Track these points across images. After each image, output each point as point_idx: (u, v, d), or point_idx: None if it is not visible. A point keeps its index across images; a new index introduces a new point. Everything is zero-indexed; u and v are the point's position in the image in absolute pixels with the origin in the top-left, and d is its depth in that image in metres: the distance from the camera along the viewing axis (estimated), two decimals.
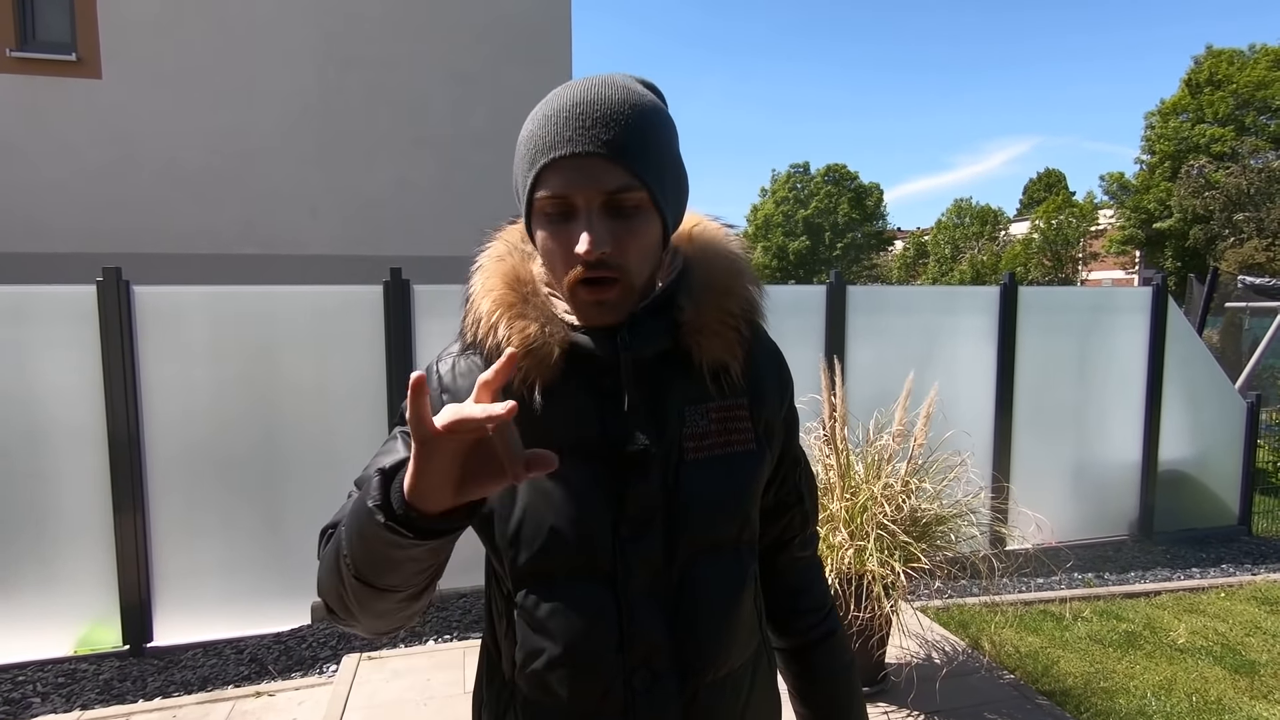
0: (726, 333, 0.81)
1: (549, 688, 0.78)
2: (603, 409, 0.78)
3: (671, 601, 0.78)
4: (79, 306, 3.11)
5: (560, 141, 0.71)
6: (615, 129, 0.71)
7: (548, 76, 6.51)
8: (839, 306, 3.99)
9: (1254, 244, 18.69)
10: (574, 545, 0.76)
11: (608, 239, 0.72)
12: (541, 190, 0.73)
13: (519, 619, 0.79)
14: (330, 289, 3.51)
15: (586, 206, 0.72)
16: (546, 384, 0.77)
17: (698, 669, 0.79)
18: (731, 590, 0.82)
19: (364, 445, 3.48)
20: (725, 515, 0.81)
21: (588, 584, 0.77)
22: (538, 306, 0.79)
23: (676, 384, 0.80)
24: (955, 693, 2.70)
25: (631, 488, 0.77)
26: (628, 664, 0.77)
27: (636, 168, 0.72)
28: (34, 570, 3.16)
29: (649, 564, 0.78)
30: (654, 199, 0.74)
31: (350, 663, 2.97)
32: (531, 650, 0.78)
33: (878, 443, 2.84)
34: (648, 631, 0.77)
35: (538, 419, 0.76)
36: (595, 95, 0.72)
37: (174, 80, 5.78)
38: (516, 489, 0.77)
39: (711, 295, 0.81)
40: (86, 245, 5.51)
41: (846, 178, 40.63)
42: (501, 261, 0.82)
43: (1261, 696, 2.86)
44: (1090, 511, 4.55)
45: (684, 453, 0.79)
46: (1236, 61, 24.63)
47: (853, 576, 2.50)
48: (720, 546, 0.81)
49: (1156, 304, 4.52)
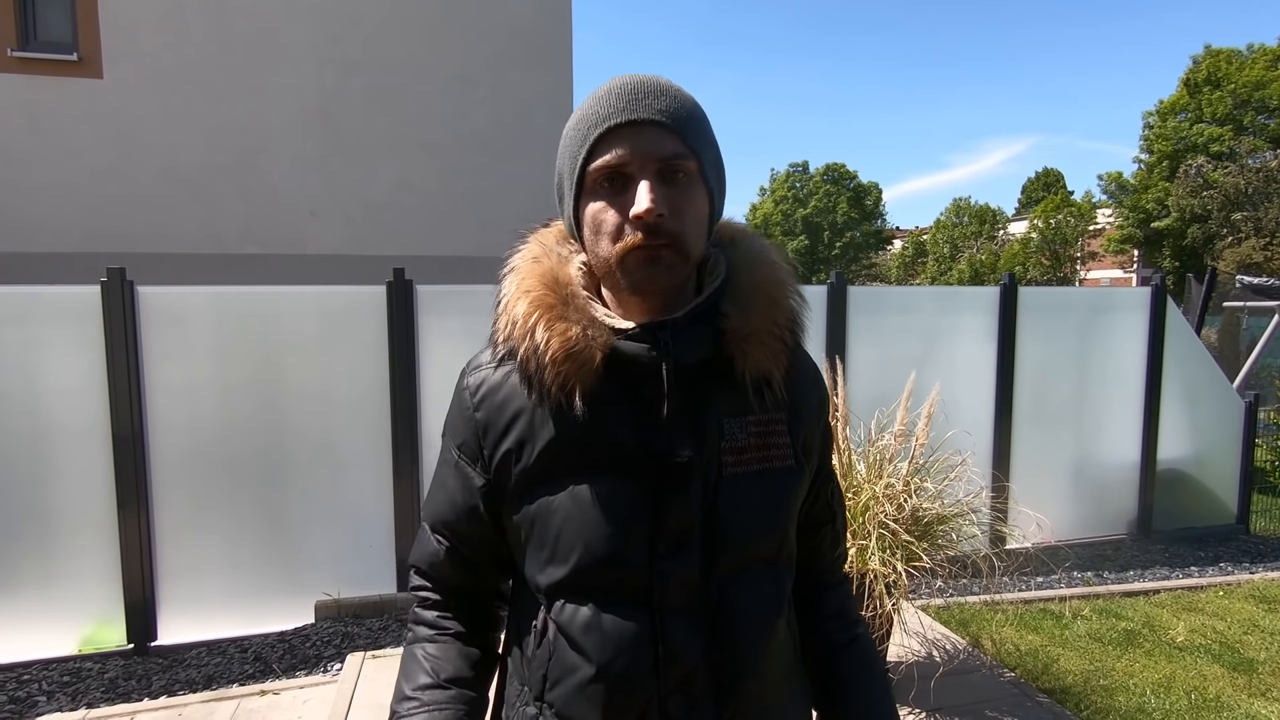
0: (772, 343, 0.79)
1: (580, 709, 0.75)
2: (641, 419, 0.75)
3: (709, 621, 0.76)
4: (83, 306, 3.12)
5: (616, 111, 0.72)
6: (668, 100, 0.73)
7: (548, 80, 6.53)
8: (840, 306, 4.00)
9: (1252, 243, 18.74)
10: (609, 561, 0.74)
11: (664, 203, 0.71)
12: (597, 160, 0.73)
13: (552, 635, 0.77)
14: (334, 289, 3.52)
15: (642, 171, 0.72)
16: (586, 390, 0.74)
17: (735, 693, 0.77)
18: (769, 610, 0.80)
19: (367, 443, 3.50)
20: (764, 533, 0.79)
21: (623, 602, 0.75)
22: (578, 309, 0.76)
23: (717, 394, 0.78)
24: (956, 690, 2.72)
25: (670, 502, 0.75)
26: (663, 687, 0.75)
27: (688, 138, 0.73)
28: (38, 569, 3.17)
29: (686, 582, 0.75)
30: (703, 171, 0.75)
31: (355, 661, 2.98)
32: (565, 668, 0.76)
33: (879, 442, 2.86)
34: (684, 652, 0.75)
35: (577, 428, 0.75)
36: (646, 78, 0.75)
37: (175, 81, 5.78)
38: (554, 502, 0.75)
39: (757, 302, 0.79)
40: (87, 246, 5.51)
41: (845, 177, 40.70)
42: (538, 263, 0.79)
43: (1259, 694, 2.89)
44: (1089, 510, 4.57)
45: (723, 467, 0.76)
46: (1235, 61, 24.68)
47: (855, 575, 2.51)
48: (759, 566, 0.79)
49: (1155, 304, 4.54)
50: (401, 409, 3.49)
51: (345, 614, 3.49)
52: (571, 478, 0.75)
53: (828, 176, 40.60)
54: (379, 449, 3.50)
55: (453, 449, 0.83)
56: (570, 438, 0.75)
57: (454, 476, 0.83)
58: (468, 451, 0.81)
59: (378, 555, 3.54)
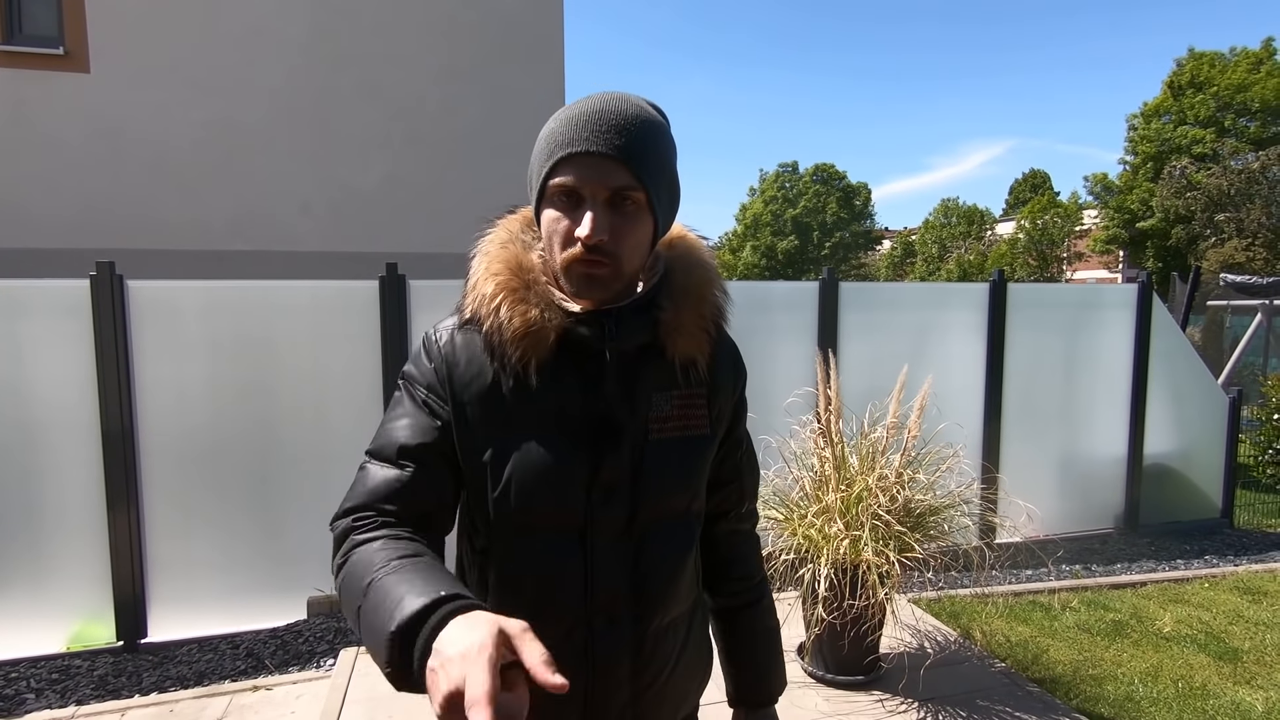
0: (699, 333, 0.93)
1: None
2: (586, 389, 0.89)
3: (630, 558, 0.91)
4: (72, 300, 3.10)
5: (578, 140, 0.82)
6: (626, 136, 0.82)
7: (539, 74, 6.52)
8: (831, 303, 4.03)
9: (1234, 244, 18.96)
10: (553, 502, 0.87)
11: (606, 228, 0.82)
12: (556, 178, 0.83)
13: (495, 566, 0.90)
14: (326, 284, 3.50)
15: (593, 198, 0.82)
16: (540, 363, 0.87)
17: (647, 616, 0.92)
18: (680, 552, 0.95)
19: (359, 439, 3.46)
20: (679, 488, 0.93)
21: (561, 538, 0.88)
22: (538, 293, 0.88)
23: (649, 372, 0.91)
24: (948, 680, 2.74)
25: (604, 458, 0.88)
26: (590, 607, 0.89)
27: (639, 172, 0.83)
28: (26, 566, 3.14)
29: (614, 524, 0.89)
30: (650, 202, 0.85)
31: (348, 656, 2.97)
32: (506, 591, 0.89)
33: (871, 435, 2.88)
34: (609, 580, 0.90)
35: (532, 394, 0.87)
36: (613, 106, 0.83)
37: (163, 74, 5.73)
38: (507, 453, 0.87)
39: (689, 300, 0.93)
40: (74, 241, 5.45)
41: (835, 177, 40.77)
42: (505, 248, 0.91)
43: (1244, 682, 2.93)
44: (1077, 505, 4.62)
45: (649, 433, 0.90)
46: (1218, 64, 24.97)
47: (848, 566, 2.53)
48: (673, 515, 0.94)
49: (1142, 301, 4.60)
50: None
51: (338, 610, 3.48)
52: (523, 433, 0.87)
53: (817, 177, 40.63)
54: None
55: (418, 390, 0.91)
56: (525, 400, 0.87)
57: (416, 411, 0.90)
58: (435, 392, 0.90)
59: None
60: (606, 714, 0.92)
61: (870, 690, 2.69)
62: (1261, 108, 23.70)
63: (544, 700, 0.79)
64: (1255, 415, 5.92)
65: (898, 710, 2.57)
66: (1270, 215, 18.76)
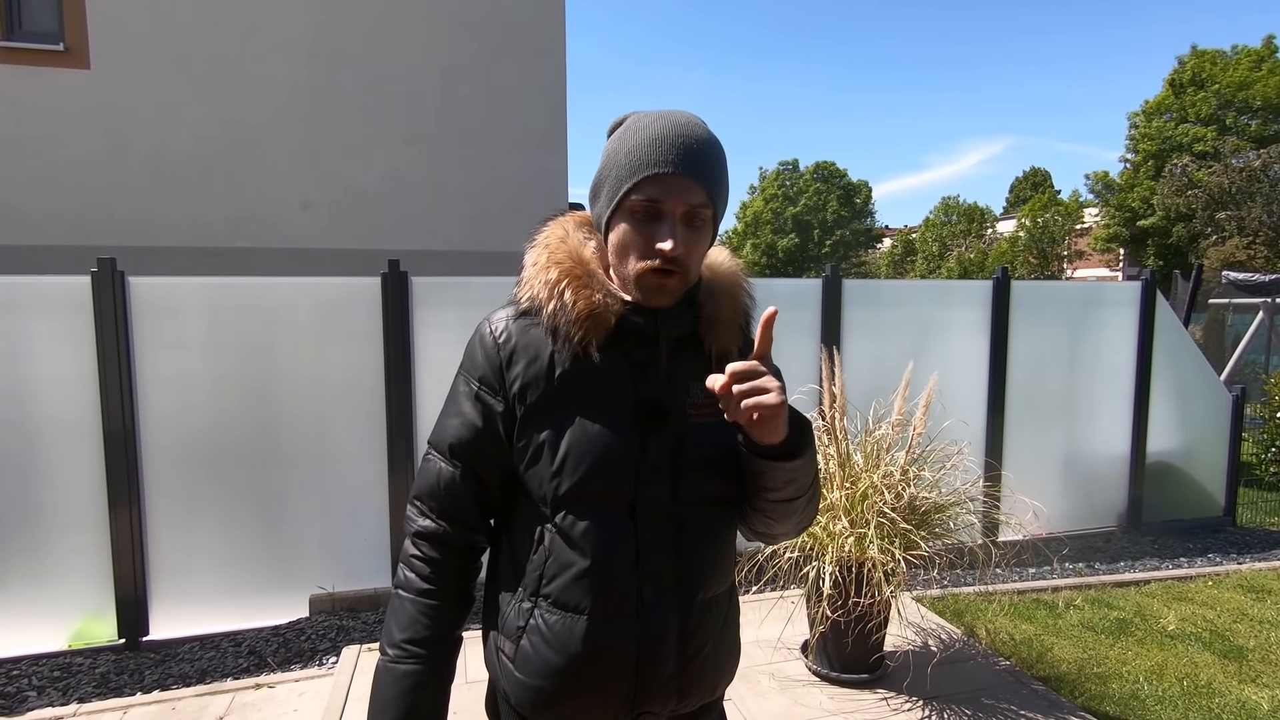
0: (733, 328, 1.04)
1: (573, 595, 0.95)
2: (635, 373, 0.97)
3: (674, 534, 0.97)
4: (73, 297, 3.08)
5: (664, 161, 0.90)
6: (705, 160, 0.92)
7: (541, 72, 6.50)
8: (835, 300, 4.01)
9: (1235, 242, 18.93)
10: (605, 478, 0.94)
11: (683, 243, 0.91)
12: (638, 194, 0.91)
13: (553, 537, 0.96)
14: (328, 280, 3.49)
15: (672, 214, 0.91)
16: (599, 344, 0.95)
17: (692, 589, 0.99)
18: (720, 532, 1.02)
19: (362, 435, 3.48)
20: (715, 470, 0.99)
21: (613, 512, 0.95)
22: (598, 282, 0.97)
23: (689, 362, 1.00)
24: (953, 679, 2.74)
25: (652, 438, 0.96)
26: (640, 578, 0.96)
27: (713, 192, 0.93)
28: (27, 563, 3.13)
29: (659, 500, 0.96)
30: (715, 217, 0.95)
31: (351, 654, 2.96)
32: (564, 563, 0.95)
33: (876, 432, 2.87)
34: (657, 553, 0.97)
35: (587, 376, 0.96)
36: (689, 131, 0.92)
37: (163, 71, 5.71)
38: (563, 430, 0.95)
39: (725, 298, 1.04)
40: (73, 238, 5.44)
41: (835, 175, 40.71)
42: (564, 242, 1.01)
43: (1250, 680, 2.92)
44: (1080, 503, 4.61)
45: (689, 417, 0.98)
46: (1219, 62, 24.93)
47: (853, 564, 2.52)
48: (710, 500, 1.00)
49: (1145, 298, 4.58)
50: (397, 401, 3.46)
51: (340, 607, 3.47)
52: (579, 411, 0.95)
53: (818, 175, 40.54)
54: (374, 441, 3.48)
55: (472, 382, 1.01)
56: (580, 382, 0.96)
57: (473, 405, 1.00)
58: (488, 383, 1.00)
59: (373, 548, 3.52)
60: (655, 683, 0.98)
61: (875, 688, 2.68)
62: (1263, 105, 23.69)
63: (599, 674, 0.96)
64: (1258, 413, 5.91)
65: (902, 708, 2.56)
66: (1271, 213, 18.73)
